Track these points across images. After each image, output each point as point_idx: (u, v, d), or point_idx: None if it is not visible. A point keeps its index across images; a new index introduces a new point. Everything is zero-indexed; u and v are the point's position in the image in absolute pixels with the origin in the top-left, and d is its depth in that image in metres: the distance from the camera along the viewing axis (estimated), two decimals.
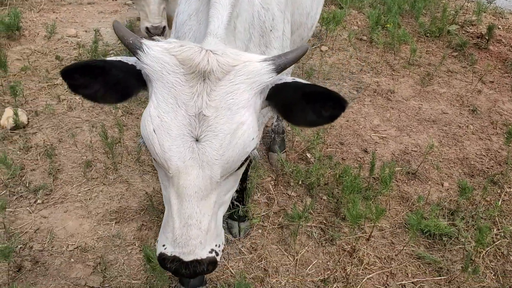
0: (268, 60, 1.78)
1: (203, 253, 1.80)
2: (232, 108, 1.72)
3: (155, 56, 1.75)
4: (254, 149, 1.85)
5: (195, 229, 1.77)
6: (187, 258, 1.78)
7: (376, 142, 4.78)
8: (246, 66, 1.75)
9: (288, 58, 1.80)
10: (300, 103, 1.88)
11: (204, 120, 1.70)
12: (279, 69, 1.78)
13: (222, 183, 1.84)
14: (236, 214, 3.65)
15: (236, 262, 3.44)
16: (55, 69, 5.59)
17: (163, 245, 1.83)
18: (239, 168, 1.87)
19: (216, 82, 1.71)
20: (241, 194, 3.69)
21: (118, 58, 1.87)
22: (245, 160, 1.86)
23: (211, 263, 1.84)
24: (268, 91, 1.88)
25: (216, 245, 1.87)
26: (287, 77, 1.94)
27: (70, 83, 1.85)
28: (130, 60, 1.88)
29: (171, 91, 1.72)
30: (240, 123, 1.73)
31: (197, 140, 1.70)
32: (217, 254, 1.87)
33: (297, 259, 3.48)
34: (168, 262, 1.80)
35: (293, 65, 1.99)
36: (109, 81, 1.86)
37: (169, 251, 1.81)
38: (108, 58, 1.85)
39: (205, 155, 1.71)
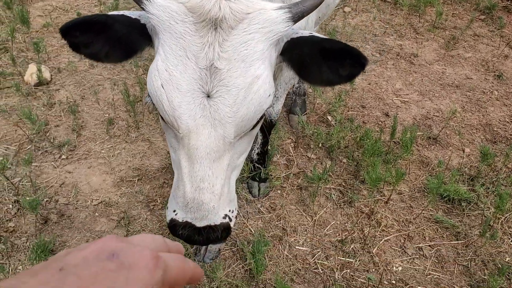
0: (284, 8, 1.66)
1: (216, 219, 1.74)
2: (246, 60, 1.59)
3: (161, 5, 1.61)
4: (269, 107, 1.78)
5: (207, 193, 1.69)
6: (200, 224, 1.71)
7: (398, 106, 4.73)
8: (261, 13, 1.62)
9: (305, 6, 1.67)
10: (316, 59, 1.74)
11: (216, 73, 1.58)
12: (296, 18, 1.66)
13: (236, 144, 1.75)
14: (257, 176, 3.69)
15: (255, 221, 3.50)
16: None
17: (174, 211, 1.76)
18: (253, 127, 1.78)
19: (229, 31, 1.58)
20: (263, 157, 3.71)
21: (121, 12, 1.76)
22: (260, 119, 1.77)
23: (225, 229, 1.77)
24: (283, 45, 1.77)
25: (229, 211, 1.81)
26: (303, 31, 1.82)
27: (71, 41, 1.71)
28: (134, 14, 1.78)
29: (179, 42, 1.59)
30: (255, 76, 1.61)
31: (208, 96, 1.59)
32: (230, 220, 1.80)
33: (315, 220, 3.53)
34: (180, 229, 1.72)
35: (317, 26, 1.93)
36: (112, 37, 1.73)
37: (181, 217, 1.74)
38: (110, 13, 1.74)
39: (218, 112, 1.60)
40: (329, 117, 4.51)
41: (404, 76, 5.18)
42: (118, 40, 1.74)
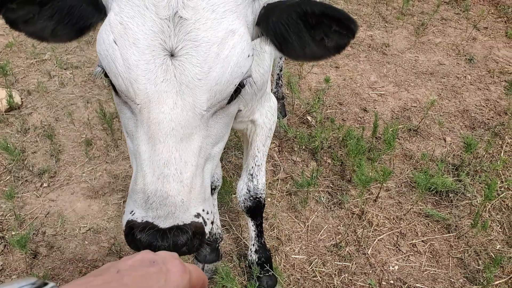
0: None
1: (186, 217, 1.37)
2: (217, 10, 1.35)
3: None
4: (248, 73, 1.47)
5: (174, 181, 1.35)
6: (164, 223, 1.33)
7: (375, 100, 4.76)
8: None
9: None
10: (296, 28, 1.46)
11: (181, 24, 1.31)
12: None
13: (210, 122, 1.47)
14: (266, 283, 3.08)
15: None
16: (41, 43, 5.42)
17: (131, 212, 1.39)
18: (230, 101, 1.50)
19: None
20: (264, 253, 3.09)
21: None
22: (237, 91, 1.48)
23: (198, 232, 1.39)
24: (259, 12, 1.53)
25: (203, 210, 1.43)
26: None
27: (7, 16, 1.43)
28: None
29: None
30: (230, 30, 1.36)
31: (172, 55, 1.32)
32: (205, 222, 1.42)
33: (308, 225, 3.54)
34: (138, 232, 1.33)
35: None
36: (58, 10, 1.44)
37: (139, 216, 1.36)
38: None
39: (184, 74, 1.32)
40: (309, 118, 4.51)
41: (378, 68, 5.21)
42: (67, 14, 1.45)
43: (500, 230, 3.50)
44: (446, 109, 4.62)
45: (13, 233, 3.41)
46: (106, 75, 1.43)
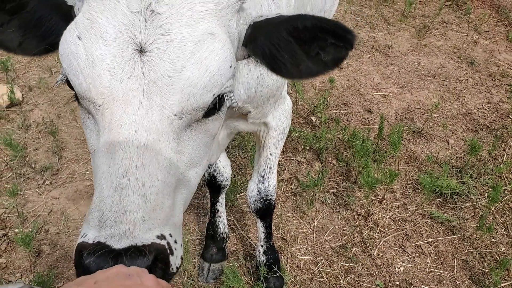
0: None
1: (147, 237, 1.16)
2: (194, 9, 1.24)
3: None
4: (230, 87, 1.34)
5: (134, 194, 1.16)
6: (118, 243, 1.12)
7: (379, 101, 4.76)
8: None
9: None
10: (288, 46, 1.35)
11: (153, 18, 1.20)
12: None
13: (184, 136, 1.31)
14: (273, 284, 3.06)
15: (254, 233, 3.47)
16: None
17: (83, 235, 1.18)
18: (208, 115, 1.35)
19: None
20: (272, 255, 3.08)
21: None
22: (218, 106, 1.35)
23: (160, 259, 1.17)
24: (245, 32, 1.43)
25: (170, 235, 1.22)
26: (270, 13, 1.48)
27: None
28: None
29: None
30: (210, 33, 1.25)
31: (142, 51, 1.20)
32: (171, 251, 1.21)
33: (313, 226, 3.53)
34: (86, 254, 1.11)
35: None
36: (27, 21, 1.35)
37: (91, 237, 1.15)
38: None
39: (153, 70, 1.19)
40: (313, 118, 4.50)
41: (381, 70, 5.21)
42: (34, 26, 1.35)
43: (504, 232, 3.51)
44: (448, 112, 4.63)
45: (16, 230, 3.37)
46: (68, 84, 1.29)
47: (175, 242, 1.23)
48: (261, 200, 2.79)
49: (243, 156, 4.09)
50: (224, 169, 2.99)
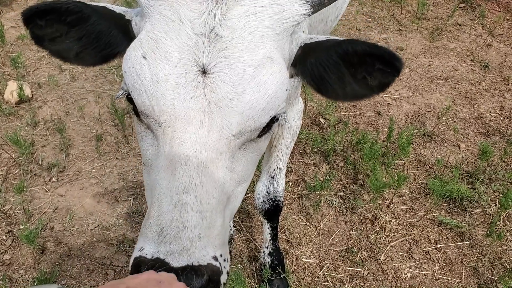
0: None
1: (203, 256, 1.20)
2: (255, 33, 1.28)
3: None
4: (284, 109, 1.38)
5: (193, 211, 1.20)
6: (177, 261, 1.16)
7: (389, 103, 4.71)
8: None
9: None
10: (337, 68, 1.40)
11: (216, 41, 1.24)
12: (315, 3, 1.38)
13: (237, 155, 1.35)
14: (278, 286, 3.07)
15: (259, 235, 3.43)
16: None
17: (140, 249, 1.22)
18: (261, 134, 1.39)
19: (234, 0, 1.28)
20: (277, 256, 3.08)
21: (102, 3, 1.45)
22: (270, 125, 1.38)
23: (214, 280, 1.21)
24: (296, 52, 1.47)
25: (221, 256, 1.26)
26: (319, 35, 1.52)
27: (34, 32, 1.38)
28: (118, 8, 1.47)
29: (173, 6, 1.27)
30: (269, 58, 1.28)
31: (204, 72, 1.24)
32: (222, 271, 1.25)
33: (319, 229, 3.49)
34: (146, 270, 1.17)
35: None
36: (87, 34, 1.39)
37: (149, 251, 1.19)
38: (89, 3, 1.42)
39: (215, 92, 1.23)
40: (322, 120, 4.46)
41: None
42: (95, 39, 1.41)
43: None
44: (460, 115, 4.56)
45: (22, 227, 3.37)
46: (128, 99, 1.35)
47: (224, 260, 1.28)
48: (270, 201, 2.78)
49: None
50: None
